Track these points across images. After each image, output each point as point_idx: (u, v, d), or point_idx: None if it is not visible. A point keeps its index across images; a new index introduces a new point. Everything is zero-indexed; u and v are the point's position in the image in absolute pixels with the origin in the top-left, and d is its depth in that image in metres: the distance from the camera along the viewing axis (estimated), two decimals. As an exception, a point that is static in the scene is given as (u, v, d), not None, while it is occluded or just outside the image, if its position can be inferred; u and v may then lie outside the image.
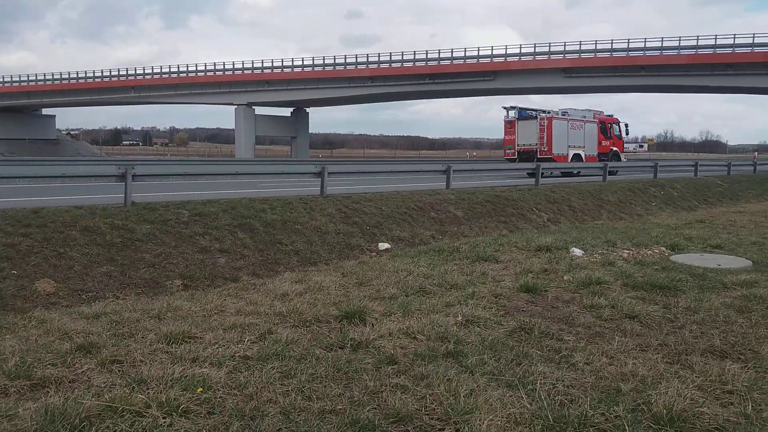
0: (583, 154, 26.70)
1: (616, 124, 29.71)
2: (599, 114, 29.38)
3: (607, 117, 29.75)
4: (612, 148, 28.71)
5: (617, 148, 29.25)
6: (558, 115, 26.43)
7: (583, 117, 28.00)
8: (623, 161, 28.98)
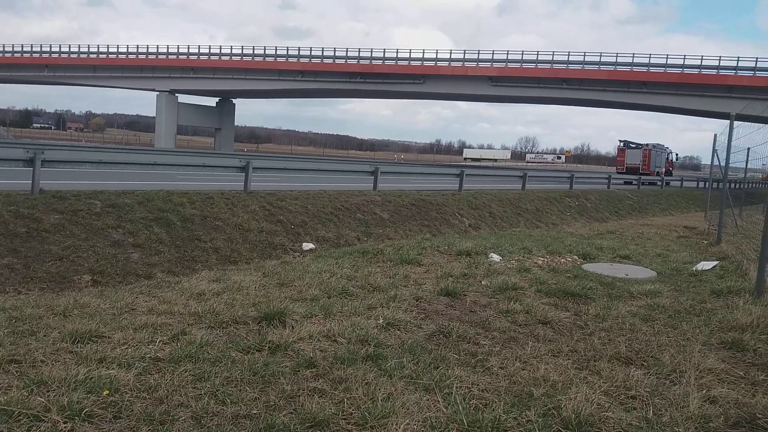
0: (660, 171, 44.00)
1: (671, 153, 49.13)
2: (662, 146, 47.06)
3: (666, 148, 48.03)
4: (669, 168, 47.90)
5: (671, 168, 49.23)
6: (650, 148, 43.86)
7: (658, 148, 45.40)
8: (673, 176, 46.30)
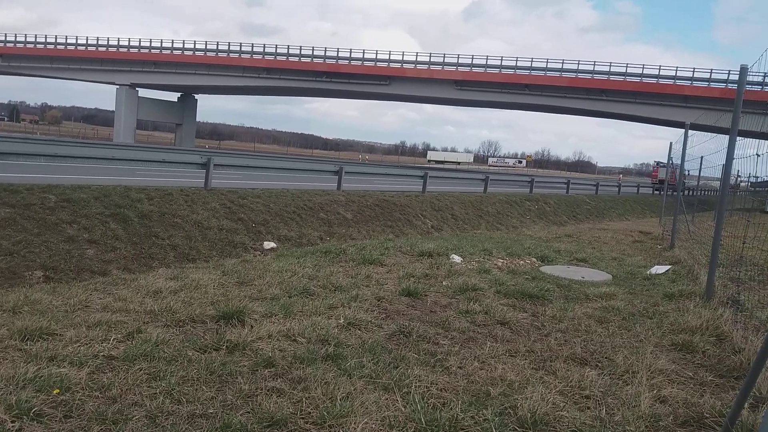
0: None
1: (687, 170, 53.79)
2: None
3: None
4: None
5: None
6: (674, 167, 45.01)
7: (676, 166, 48.26)
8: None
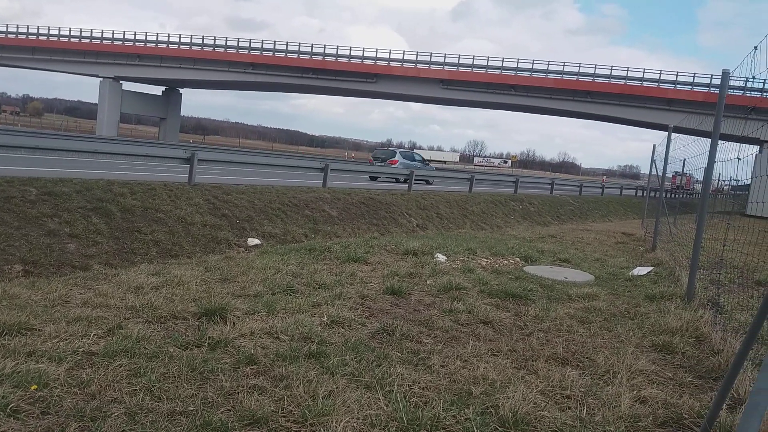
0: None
1: (695, 177, 54.95)
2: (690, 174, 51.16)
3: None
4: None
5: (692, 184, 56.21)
6: (690, 175, 53.81)
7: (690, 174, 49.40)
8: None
